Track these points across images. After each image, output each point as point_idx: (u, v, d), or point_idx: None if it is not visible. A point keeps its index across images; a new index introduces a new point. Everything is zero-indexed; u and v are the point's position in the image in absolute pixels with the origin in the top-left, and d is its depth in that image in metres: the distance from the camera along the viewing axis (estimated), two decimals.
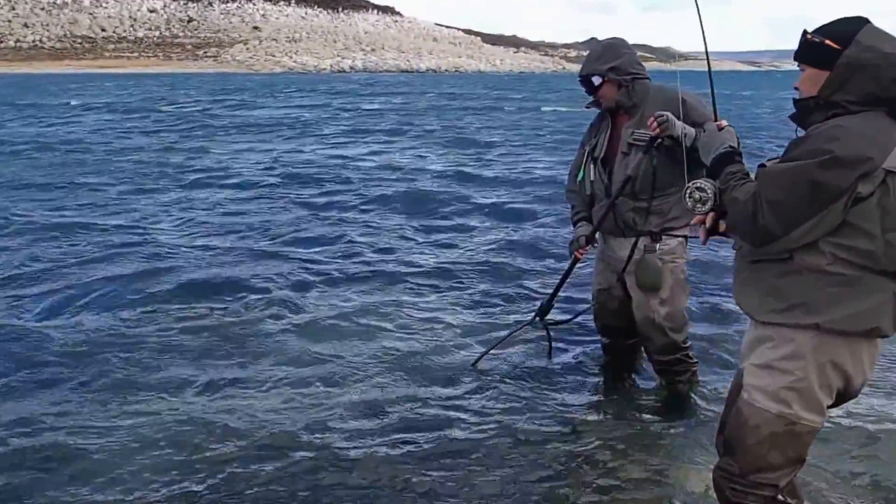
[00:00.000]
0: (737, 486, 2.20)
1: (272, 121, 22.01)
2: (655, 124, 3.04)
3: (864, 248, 1.94)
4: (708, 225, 2.24)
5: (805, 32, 2.07)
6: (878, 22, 2.02)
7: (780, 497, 2.18)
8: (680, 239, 3.33)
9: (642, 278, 3.31)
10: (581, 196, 3.50)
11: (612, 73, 3.21)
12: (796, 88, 2.12)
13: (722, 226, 2.23)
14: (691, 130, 2.98)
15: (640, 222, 3.29)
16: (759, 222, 1.98)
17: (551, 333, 4.13)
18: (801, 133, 2.07)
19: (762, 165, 2.09)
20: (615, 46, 3.29)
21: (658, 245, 3.29)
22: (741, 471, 2.18)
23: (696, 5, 2.43)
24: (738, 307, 2.25)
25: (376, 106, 29.71)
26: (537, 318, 4.03)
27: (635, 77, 3.24)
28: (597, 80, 3.25)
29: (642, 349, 3.70)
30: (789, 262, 2.03)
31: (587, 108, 3.40)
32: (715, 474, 2.28)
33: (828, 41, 2.00)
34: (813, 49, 2.04)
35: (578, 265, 3.73)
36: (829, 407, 2.16)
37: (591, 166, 3.38)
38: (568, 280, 3.88)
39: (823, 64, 2.01)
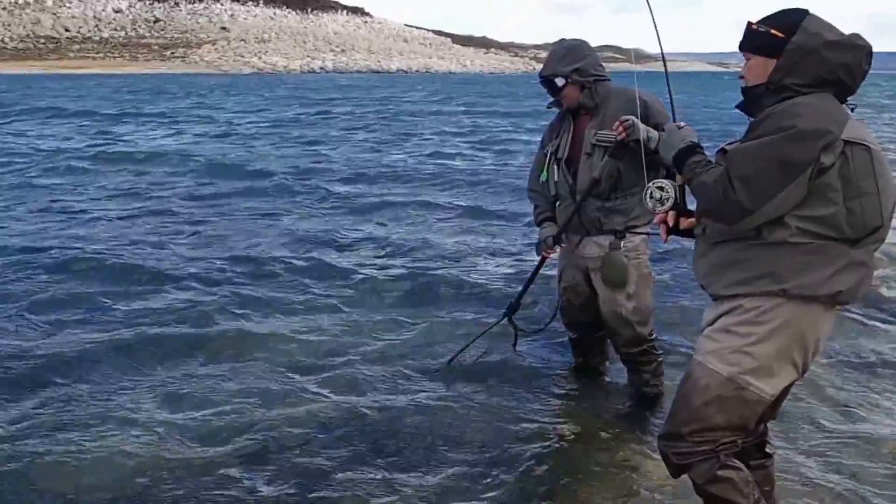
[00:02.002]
0: (680, 450, 2.22)
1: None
2: (622, 128, 3.10)
3: (827, 217, 2.01)
4: (670, 224, 2.29)
5: (750, 23, 2.16)
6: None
7: (721, 456, 2.20)
8: (643, 236, 3.41)
9: (609, 275, 3.37)
10: (545, 196, 3.55)
11: (575, 74, 3.26)
12: (742, 77, 2.19)
13: (683, 223, 2.28)
14: (654, 133, 3.06)
15: (605, 221, 3.35)
16: (730, 199, 2.02)
17: (519, 331, 4.19)
18: (753, 121, 2.12)
19: (722, 150, 2.14)
20: (578, 48, 3.34)
21: (623, 242, 3.36)
22: (683, 431, 2.20)
23: (650, 8, 2.49)
24: (695, 302, 2.29)
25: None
26: (506, 318, 4.08)
27: (597, 79, 3.30)
28: (560, 82, 3.29)
29: (608, 342, 3.78)
30: (755, 238, 2.08)
31: (548, 107, 3.46)
32: (660, 444, 2.31)
33: (773, 30, 2.09)
34: (759, 38, 2.13)
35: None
36: (786, 389, 2.20)
37: (555, 167, 3.43)
38: (535, 279, 3.94)
39: (769, 51, 2.10)
